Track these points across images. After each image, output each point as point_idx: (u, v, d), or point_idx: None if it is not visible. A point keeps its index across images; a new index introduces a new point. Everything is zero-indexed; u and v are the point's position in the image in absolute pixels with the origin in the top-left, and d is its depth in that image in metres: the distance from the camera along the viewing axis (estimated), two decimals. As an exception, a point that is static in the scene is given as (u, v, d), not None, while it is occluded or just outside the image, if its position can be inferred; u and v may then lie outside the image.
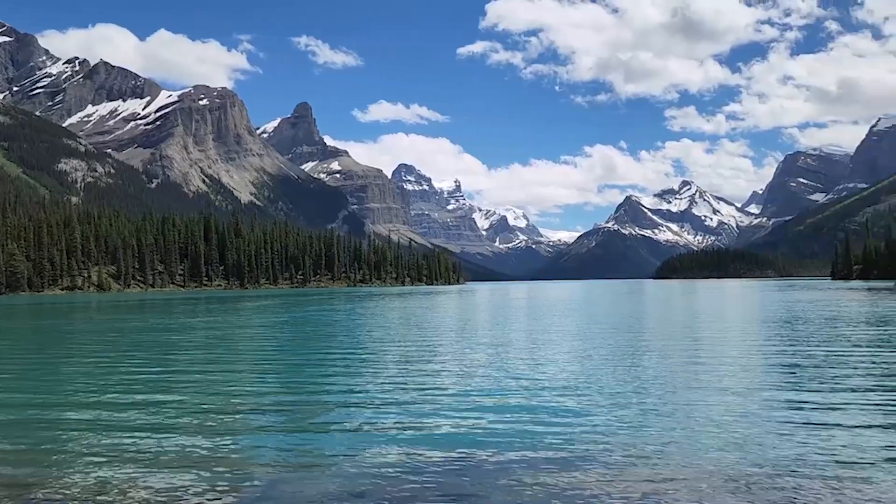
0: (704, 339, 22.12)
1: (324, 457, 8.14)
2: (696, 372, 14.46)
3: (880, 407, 10.41)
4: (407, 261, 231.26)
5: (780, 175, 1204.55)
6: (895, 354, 17.25)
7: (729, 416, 9.93)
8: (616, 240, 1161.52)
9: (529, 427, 9.43)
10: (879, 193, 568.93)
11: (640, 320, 33.63)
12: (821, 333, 23.27)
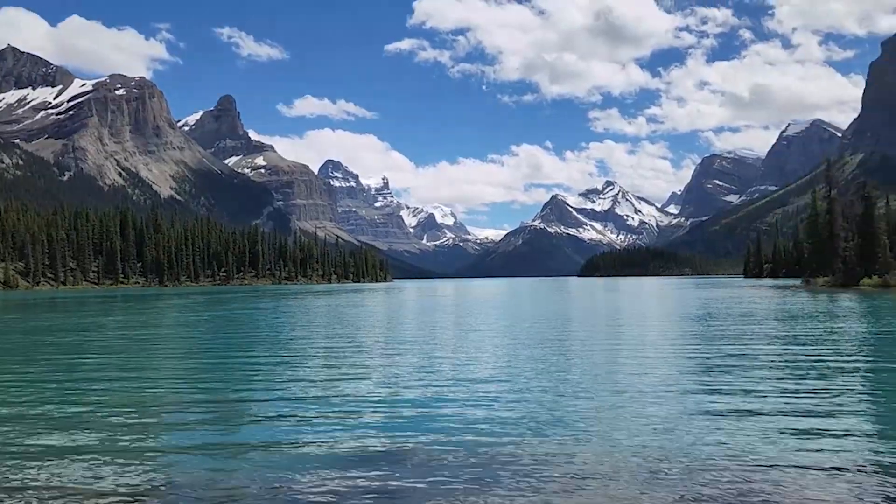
0: (625, 336, 22.53)
1: (242, 467, 7.62)
2: (616, 367, 14.63)
3: (789, 401, 10.66)
4: (334, 258, 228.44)
5: (697, 177, 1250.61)
6: (803, 349, 17.85)
7: (647, 410, 10.03)
8: (542, 238, 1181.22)
9: (454, 424, 9.40)
10: (788, 196, 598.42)
11: (564, 317, 33.99)
12: (734, 329, 23.97)
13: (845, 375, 13.51)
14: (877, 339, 20.97)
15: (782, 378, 13.14)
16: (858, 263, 76.98)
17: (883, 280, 69.95)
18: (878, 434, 8.75)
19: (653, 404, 10.65)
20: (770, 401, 10.79)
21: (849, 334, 22.08)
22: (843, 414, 9.89)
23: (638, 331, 25.23)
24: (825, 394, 11.37)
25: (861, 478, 6.92)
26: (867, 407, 10.57)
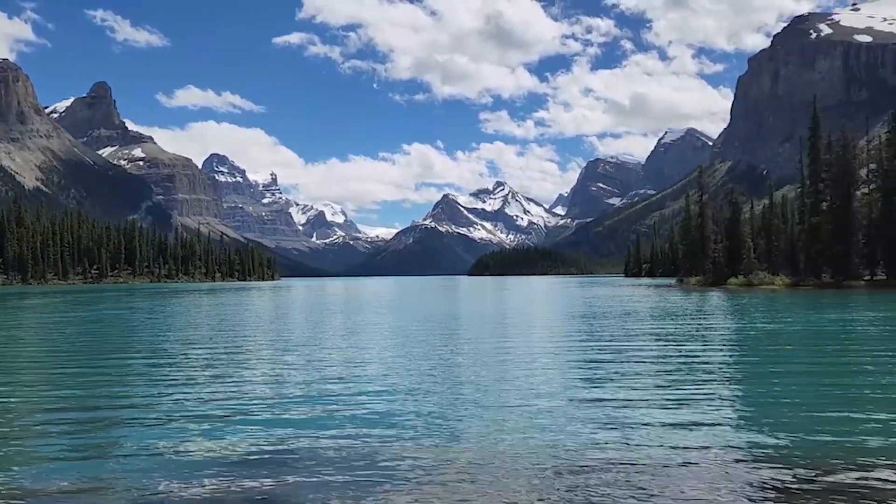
0: (512, 335, 22.76)
1: (115, 473, 7.22)
2: (503, 366, 14.61)
3: (665, 395, 10.91)
4: (218, 255, 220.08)
5: (582, 180, 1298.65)
6: (676, 346, 18.54)
7: (533, 408, 10.00)
8: (433, 237, 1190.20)
9: (340, 425, 9.24)
10: (665, 199, 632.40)
11: (454, 316, 34.09)
12: (615, 327, 24.73)
13: (715, 369, 14.05)
14: (741, 335, 22.15)
15: (658, 373, 13.53)
16: (726, 264, 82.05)
17: (747, 280, 74.87)
18: (746, 424, 9.05)
19: (539, 402, 10.67)
20: (647, 394, 11.05)
21: (717, 330, 23.33)
22: (714, 405, 10.20)
23: (525, 329, 25.60)
24: (696, 387, 11.76)
25: (733, 466, 7.09)
26: (735, 398, 10.99)
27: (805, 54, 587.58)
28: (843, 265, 67.13)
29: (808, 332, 23.50)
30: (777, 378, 13.23)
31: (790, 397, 11.13)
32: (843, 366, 15.01)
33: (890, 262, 66.15)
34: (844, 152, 67.66)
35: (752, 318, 29.32)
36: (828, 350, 18.37)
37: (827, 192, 69.11)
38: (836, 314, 31.29)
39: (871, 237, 67.15)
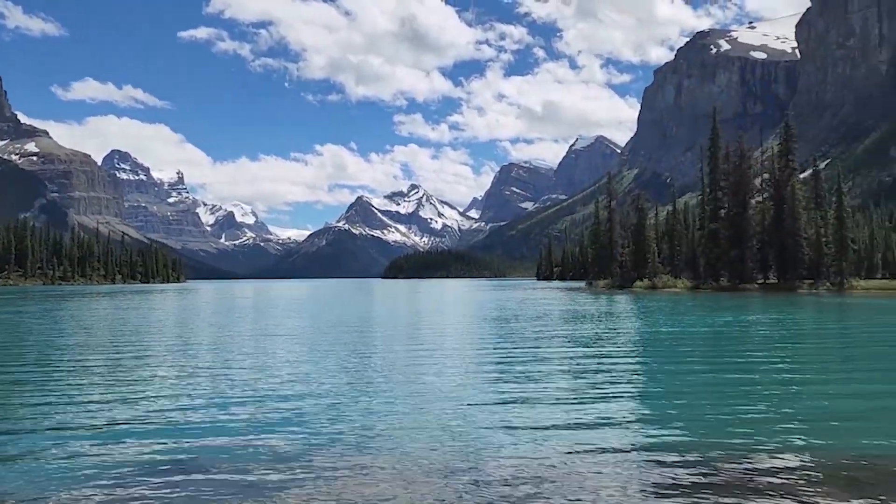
0: (425, 338, 22.67)
1: None
2: (415, 370, 14.48)
3: (572, 394, 11.01)
4: (119, 257, 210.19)
5: (496, 184, 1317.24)
6: (584, 347, 18.87)
7: (444, 411, 9.88)
8: (346, 239, 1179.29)
9: (246, 430, 9.00)
10: (576, 204, 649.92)
11: (366, 320, 33.75)
12: (527, 329, 25.05)
13: (620, 370, 14.33)
14: (646, 337, 22.80)
15: (566, 374, 13.70)
16: (633, 268, 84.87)
17: (652, 283, 77.63)
18: (650, 423, 9.20)
19: (449, 404, 10.60)
20: (556, 395, 11.13)
21: (622, 332, 23.94)
22: (620, 405, 10.34)
23: (437, 332, 25.52)
24: (603, 387, 11.93)
25: (639, 464, 7.19)
26: (639, 398, 11.17)
27: (706, 68, 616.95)
28: (739, 269, 70.61)
29: (707, 333, 24.41)
30: (679, 378, 13.66)
31: (690, 396, 11.45)
32: (739, 365, 15.59)
33: (780, 267, 70.05)
34: (741, 162, 71.24)
35: (655, 320, 30.30)
36: (724, 350, 19.15)
37: (725, 200, 72.53)
38: (732, 316, 32.74)
39: (764, 243, 70.94)
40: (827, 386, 12.53)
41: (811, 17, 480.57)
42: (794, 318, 31.70)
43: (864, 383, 12.93)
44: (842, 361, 16.56)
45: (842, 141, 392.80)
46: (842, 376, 13.96)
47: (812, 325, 29.10)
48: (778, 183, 69.44)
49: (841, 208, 69.23)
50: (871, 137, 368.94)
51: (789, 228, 67.60)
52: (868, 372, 14.58)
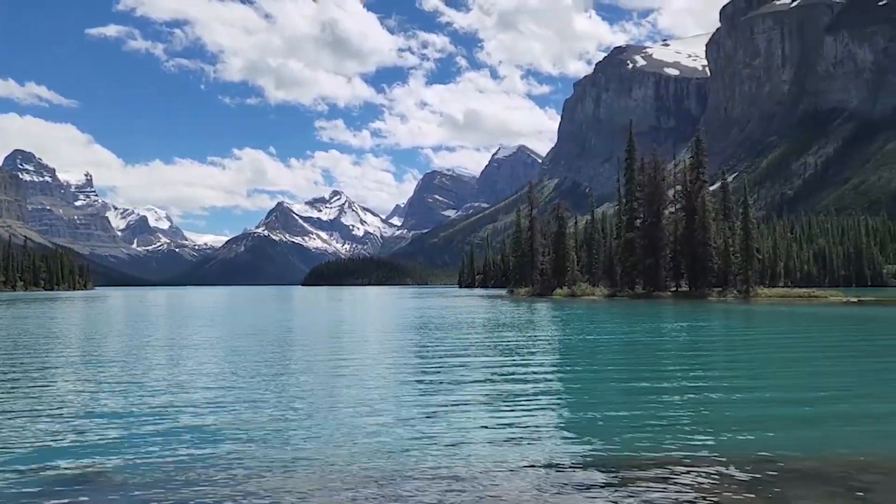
0: (345, 347, 22.32)
1: None
2: (335, 380, 14.25)
3: (493, 404, 10.99)
4: (20, 262, 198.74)
5: (419, 191, 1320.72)
6: (505, 355, 18.92)
7: (364, 421, 9.71)
8: (266, 245, 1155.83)
9: (157, 443, 8.76)
10: (498, 213, 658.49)
11: (285, 328, 33.02)
12: (448, 338, 24.99)
13: (539, 378, 14.43)
14: (564, 344, 23.12)
15: (486, 382, 13.69)
16: (553, 275, 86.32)
17: (571, 290, 79.16)
18: (568, 431, 9.25)
19: (369, 414, 10.49)
20: (475, 404, 11.11)
21: (542, 340, 24.19)
22: (539, 414, 10.37)
23: (358, 341, 25.26)
24: (522, 396, 11.96)
25: (557, 472, 7.27)
26: (558, 406, 11.24)
27: (623, 82, 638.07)
28: (654, 277, 72.90)
29: (623, 340, 24.94)
30: (596, 385, 13.90)
31: (607, 404, 11.60)
32: (653, 372, 15.98)
33: (692, 275, 72.70)
34: (655, 175, 73.62)
35: (574, 329, 30.83)
36: (639, 358, 19.58)
37: (640, 211, 74.78)
38: (647, 324, 33.67)
39: (677, 252, 73.50)
40: (733, 392, 12.93)
41: (720, 38, 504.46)
42: (704, 326, 32.83)
43: (767, 390, 13.39)
44: (747, 368, 17.17)
45: (748, 155, 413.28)
46: (747, 383, 14.43)
47: (720, 332, 30.18)
48: (689, 195, 72.13)
49: (747, 220, 72.49)
50: (774, 153, 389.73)
51: (700, 238, 70.27)
52: (771, 379, 15.15)
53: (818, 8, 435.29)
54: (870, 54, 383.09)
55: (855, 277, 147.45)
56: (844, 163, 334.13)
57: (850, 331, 29.88)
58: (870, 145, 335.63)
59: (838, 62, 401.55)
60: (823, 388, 13.51)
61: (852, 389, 13.36)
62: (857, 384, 14.10)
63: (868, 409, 11.18)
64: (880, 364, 17.88)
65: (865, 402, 11.90)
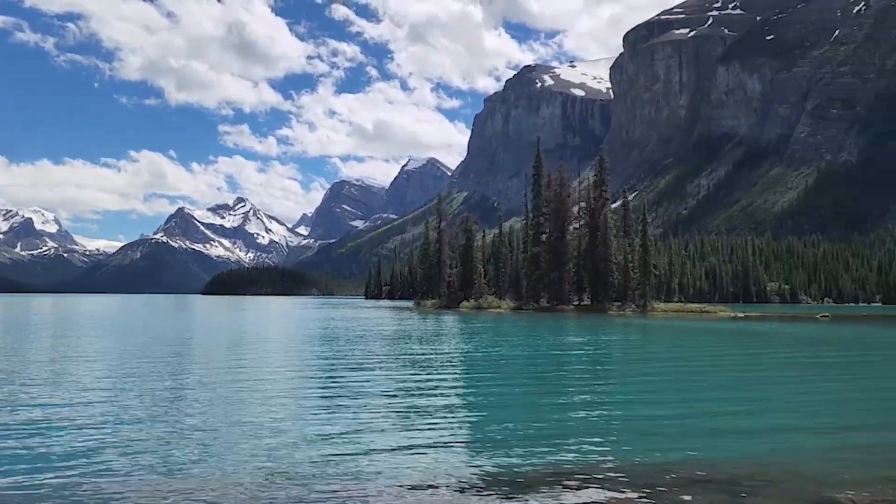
0: (247, 359, 21.73)
1: None
2: (235, 394, 13.85)
3: (393, 418, 10.99)
4: None
5: (327, 201, 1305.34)
6: (414, 370, 18.93)
7: (262, 435, 9.52)
8: (164, 252, 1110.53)
9: (42, 457, 8.41)
10: (407, 224, 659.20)
11: (182, 339, 31.79)
12: (352, 350, 24.78)
13: (444, 392, 14.53)
14: (470, 357, 23.28)
15: (391, 396, 13.61)
16: (460, 288, 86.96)
17: (478, 303, 79.94)
18: (471, 445, 9.35)
19: (270, 430, 10.16)
20: (379, 419, 11.04)
21: (447, 353, 24.33)
22: (443, 428, 10.43)
23: (260, 353, 24.59)
24: (427, 411, 11.97)
25: (463, 487, 7.30)
26: (462, 420, 11.34)
27: (532, 100, 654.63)
28: (558, 291, 74.68)
29: (527, 354, 25.37)
30: (499, 398, 14.10)
31: (509, 416, 11.75)
32: (554, 385, 16.43)
33: (594, 289, 74.97)
34: (561, 191, 75.62)
35: (480, 341, 31.09)
36: (542, 371, 20.00)
37: (546, 226, 76.56)
38: (551, 336, 34.41)
39: (580, 267, 75.62)
40: (630, 404, 13.44)
41: (623, 62, 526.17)
42: (605, 340, 33.82)
43: (662, 402, 13.97)
44: (643, 381, 17.88)
45: (647, 175, 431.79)
46: (643, 395, 15.01)
47: (619, 346, 31.18)
48: (593, 211, 74.48)
49: (645, 237, 75.51)
50: (671, 174, 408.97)
51: (602, 254, 72.60)
52: (665, 391, 15.85)
53: (712, 39, 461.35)
54: (758, 85, 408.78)
55: (742, 294, 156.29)
56: (734, 186, 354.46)
57: (737, 344, 31.51)
58: (757, 170, 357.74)
59: (730, 91, 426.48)
60: (712, 399, 14.22)
61: (739, 400, 14.11)
62: (742, 395, 14.91)
63: (752, 418, 11.84)
64: (763, 375, 19.06)
65: (750, 411, 12.60)
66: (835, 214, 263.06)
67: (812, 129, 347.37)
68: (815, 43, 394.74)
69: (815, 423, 11.53)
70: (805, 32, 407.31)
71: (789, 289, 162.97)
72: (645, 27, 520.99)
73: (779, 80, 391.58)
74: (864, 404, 13.72)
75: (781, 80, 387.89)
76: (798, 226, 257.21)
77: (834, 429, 10.97)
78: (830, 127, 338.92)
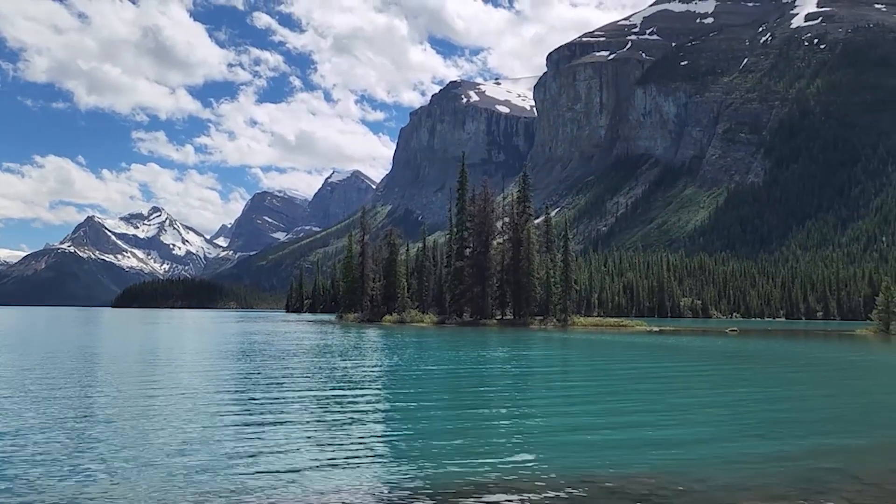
0: (159, 375, 21.16)
1: None
2: (145, 410, 13.39)
3: (319, 437, 10.84)
4: None
5: (247, 212, 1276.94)
6: (333, 385, 18.79)
7: (175, 455, 9.15)
8: (72, 263, 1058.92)
9: None
10: (330, 237, 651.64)
11: (89, 354, 30.36)
12: (271, 364, 24.38)
13: (364, 406, 14.48)
14: (392, 371, 23.20)
15: (310, 411, 13.45)
16: (383, 302, 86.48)
17: (401, 317, 79.63)
18: (393, 459, 9.26)
19: (185, 454, 9.74)
20: (297, 435, 10.87)
21: (368, 367, 24.22)
22: (363, 442, 10.33)
23: (173, 369, 23.76)
24: (346, 425, 11.88)
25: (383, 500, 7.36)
26: (382, 434, 11.24)
27: (457, 115, 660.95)
28: (481, 305, 75.26)
29: (449, 368, 25.39)
30: (422, 412, 14.09)
31: (432, 430, 11.77)
32: (475, 399, 16.56)
33: (517, 304, 75.92)
34: (485, 206, 76.44)
35: (402, 356, 30.97)
36: (464, 384, 20.07)
37: (470, 240, 77.16)
38: (474, 351, 34.57)
39: (503, 281, 76.48)
40: (550, 417, 13.71)
41: (547, 81, 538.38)
42: (526, 354, 34.26)
43: (580, 414, 14.25)
44: (563, 394, 18.25)
45: (569, 192, 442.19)
46: (563, 408, 15.30)
47: (540, 360, 31.66)
48: (516, 227, 75.57)
49: (567, 253, 77.15)
50: (592, 191, 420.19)
51: (524, 269, 73.66)
52: (584, 404, 16.13)
53: (630, 63, 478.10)
54: (673, 108, 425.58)
55: (658, 308, 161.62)
56: (651, 204, 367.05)
57: (652, 358, 32.49)
58: (672, 189, 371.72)
59: (647, 113, 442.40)
60: (628, 411, 14.66)
61: (653, 412, 14.55)
62: (657, 407, 15.39)
63: (666, 429, 12.23)
64: (676, 387, 19.75)
65: (664, 423, 13.00)
66: (743, 233, 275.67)
67: (722, 152, 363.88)
68: (726, 70, 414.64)
69: (724, 432, 12.02)
70: (716, 60, 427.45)
71: (701, 304, 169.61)
72: (567, 48, 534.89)
73: (692, 103, 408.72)
74: (765, 415, 14.36)
75: (694, 104, 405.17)
76: (709, 243, 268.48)
77: (740, 439, 11.46)
78: (739, 150, 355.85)
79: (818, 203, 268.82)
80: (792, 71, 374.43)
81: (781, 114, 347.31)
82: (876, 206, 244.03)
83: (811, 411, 15.16)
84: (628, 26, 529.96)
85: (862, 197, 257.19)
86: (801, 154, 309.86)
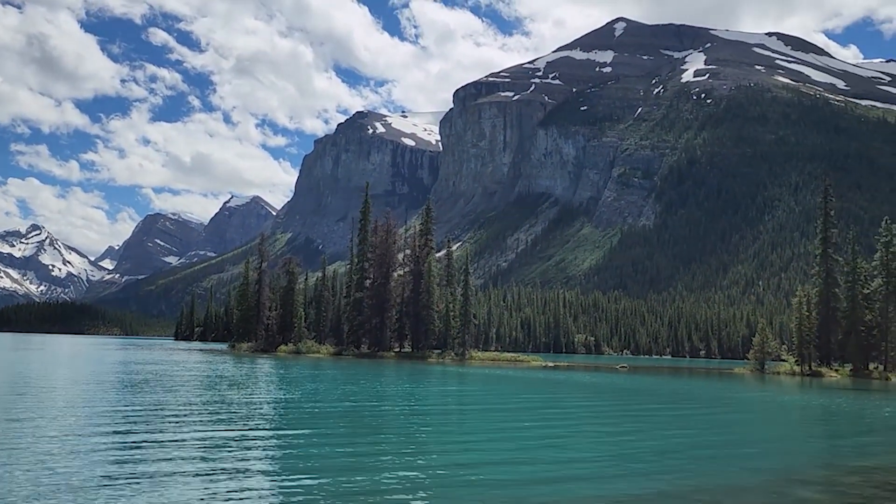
0: (26, 410, 19.57)
1: None
2: (10, 447, 12.18)
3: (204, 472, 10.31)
4: None
5: (137, 233, 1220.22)
6: (221, 418, 17.99)
7: None
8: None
9: None
10: (226, 263, 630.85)
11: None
12: (154, 398, 23.21)
13: (252, 441, 13.93)
14: (283, 405, 22.53)
15: (197, 449, 12.78)
16: (279, 331, 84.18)
17: (297, 347, 77.71)
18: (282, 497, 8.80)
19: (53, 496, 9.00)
20: (182, 471, 10.29)
21: (257, 400, 23.45)
22: (251, 476, 9.90)
23: (44, 405, 21.86)
24: (231, 465, 11.33)
25: None
26: (275, 468, 10.79)
27: (362, 145, 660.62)
28: (379, 337, 74.55)
29: (343, 403, 24.80)
30: (313, 451, 13.56)
31: (324, 468, 11.34)
32: (370, 435, 16.26)
33: (415, 336, 75.70)
34: (387, 237, 76.26)
35: (296, 389, 30.13)
36: (358, 420, 19.62)
37: (371, 271, 76.58)
38: (372, 385, 34.08)
39: (403, 314, 76.17)
40: (444, 454, 13.54)
41: (452, 117, 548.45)
42: (422, 388, 34.04)
43: (475, 450, 14.17)
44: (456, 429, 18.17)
45: (471, 227, 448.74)
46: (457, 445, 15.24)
47: (436, 395, 31.49)
48: (418, 259, 75.69)
49: (467, 287, 77.83)
50: (494, 227, 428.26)
51: (424, 302, 73.69)
52: (476, 441, 16.19)
53: (533, 104, 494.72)
54: (572, 150, 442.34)
55: (553, 344, 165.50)
56: (549, 241, 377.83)
57: (546, 394, 33.05)
58: (569, 228, 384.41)
59: (548, 153, 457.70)
60: (521, 448, 14.69)
61: (546, 448, 14.66)
62: (549, 442, 15.56)
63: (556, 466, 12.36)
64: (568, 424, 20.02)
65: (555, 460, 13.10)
66: (634, 273, 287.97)
67: (617, 194, 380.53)
68: (621, 117, 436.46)
69: (613, 470, 12.23)
70: (613, 108, 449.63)
71: (594, 340, 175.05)
72: (474, 86, 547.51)
73: (590, 147, 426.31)
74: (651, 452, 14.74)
75: (592, 148, 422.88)
76: (603, 281, 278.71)
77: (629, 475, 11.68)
78: (632, 193, 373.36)
79: (703, 247, 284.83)
80: (681, 122, 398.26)
81: (671, 161, 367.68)
82: (753, 252, 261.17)
83: (682, 448, 15.69)
84: (532, 69, 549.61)
85: (741, 243, 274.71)
86: (689, 200, 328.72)
